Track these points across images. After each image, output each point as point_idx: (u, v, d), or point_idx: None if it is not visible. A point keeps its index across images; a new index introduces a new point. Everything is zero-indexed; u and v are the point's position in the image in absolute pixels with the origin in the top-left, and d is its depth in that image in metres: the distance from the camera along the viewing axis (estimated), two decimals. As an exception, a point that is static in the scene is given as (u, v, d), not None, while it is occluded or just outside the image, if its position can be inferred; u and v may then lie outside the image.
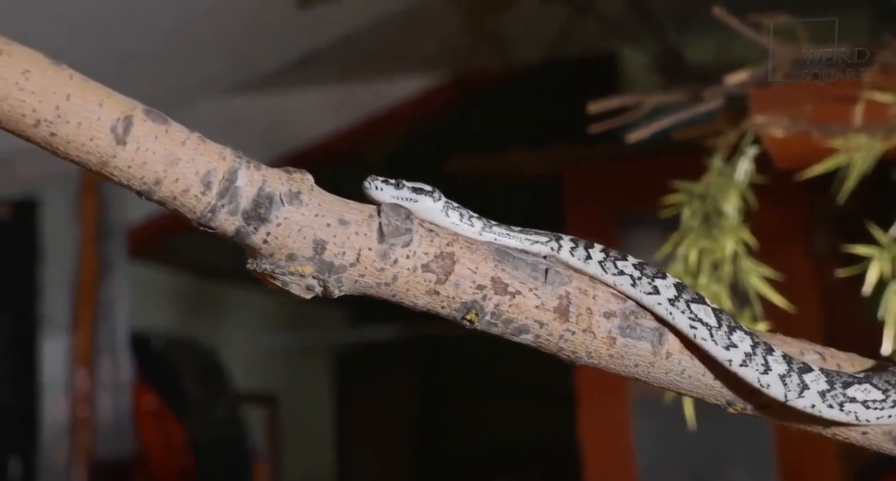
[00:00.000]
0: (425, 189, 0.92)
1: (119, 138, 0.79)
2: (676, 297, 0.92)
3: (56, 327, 4.05)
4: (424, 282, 0.88)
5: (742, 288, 1.72)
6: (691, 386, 0.95)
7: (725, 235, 1.74)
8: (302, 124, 4.06)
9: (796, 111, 1.65)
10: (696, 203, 1.79)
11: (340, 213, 0.86)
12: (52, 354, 4.05)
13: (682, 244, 1.75)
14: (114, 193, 4.02)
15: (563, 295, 0.90)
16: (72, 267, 4.05)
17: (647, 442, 3.44)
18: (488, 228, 0.93)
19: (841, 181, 1.53)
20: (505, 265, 0.90)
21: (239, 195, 0.82)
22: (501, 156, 3.62)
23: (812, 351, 0.96)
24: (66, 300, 4.04)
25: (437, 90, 4.06)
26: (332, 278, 0.86)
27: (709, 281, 1.73)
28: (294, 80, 3.94)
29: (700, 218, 1.78)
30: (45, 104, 0.76)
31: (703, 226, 1.77)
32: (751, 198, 1.75)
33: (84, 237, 4.02)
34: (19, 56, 0.75)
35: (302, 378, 5.99)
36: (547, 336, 0.91)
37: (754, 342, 0.91)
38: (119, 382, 4.11)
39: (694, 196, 1.79)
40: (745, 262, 1.72)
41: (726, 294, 1.71)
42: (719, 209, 1.76)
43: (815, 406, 0.92)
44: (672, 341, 0.93)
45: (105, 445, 4.09)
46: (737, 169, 1.77)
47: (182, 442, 4.33)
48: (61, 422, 4.01)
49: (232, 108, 4.02)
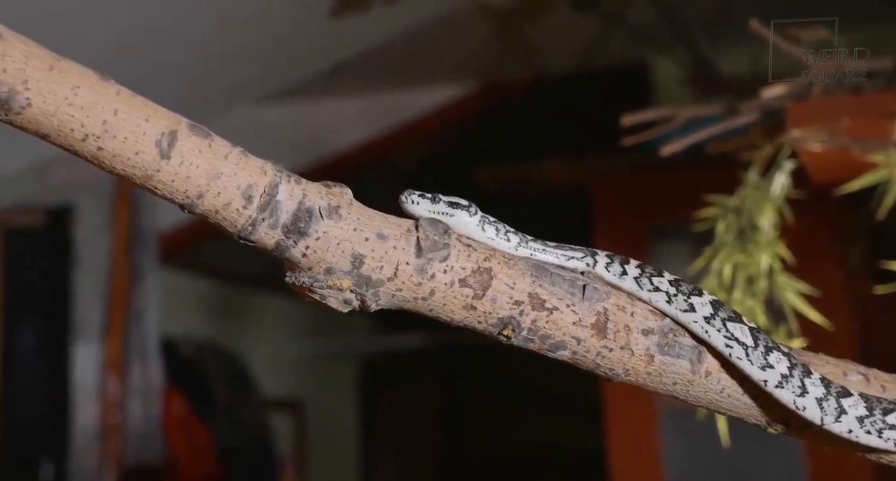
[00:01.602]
0: (462, 203, 0.91)
1: (164, 152, 0.79)
2: (713, 315, 0.91)
3: (88, 333, 4.08)
4: (461, 297, 0.87)
5: (777, 303, 1.71)
6: (730, 406, 0.94)
7: (761, 250, 1.73)
8: (332, 133, 4.08)
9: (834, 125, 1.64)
10: (731, 217, 1.77)
11: (379, 228, 0.86)
12: (84, 360, 4.08)
13: (717, 258, 1.74)
14: (146, 201, 4.05)
15: (601, 311, 0.90)
16: (104, 274, 4.09)
17: (677, 457, 3.40)
18: (524, 244, 0.93)
19: (881, 196, 1.51)
20: (542, 281, 0.89)
21: (279, 209, 0.83)
22: (530, 166, 3.61)
23: (856, 372, 0.95)
24: (98, 306, 4.08)
25: (466, 99, 4.06)
26: (369, 292, 0.86)
27: (743, 296, 1.72)
28: (325, 89, 3.96)
29: (735, 232, 1.77)
30: (93, 119, 0.77)
31: (738, 241, 1.76)
32: (787, 213, 1.74)
33: (116, 244, 4.05)
34: (69, 72, 0.76)
35: (328, 385, 6.01)
36: (584, 353, 0.91)
37: (791, 363, 0.90)
38: (149, 388, 4.13)
39: (728, 210, 1.78)
40: (780, 277, 1.71)
41: (761, 309, 1.70)
42: (754, 223, 1.75)
43: (852, 431, 0.90)
44: (711, 360, 0.92)
45: (135, 451, 4.11)
46: (773, 183, 1.76)
47: (209, 447, 4.35)
48: (92, 428, 4.04)
49: (263, 117, 4.04)
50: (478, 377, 6.14)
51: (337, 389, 6.11)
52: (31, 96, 0.74)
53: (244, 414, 4.70)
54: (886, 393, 0.93)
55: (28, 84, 0.74)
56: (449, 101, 4.04)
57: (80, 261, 4.12)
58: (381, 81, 3.98)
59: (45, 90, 0.75)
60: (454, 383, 6.16)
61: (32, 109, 0.75)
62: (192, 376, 4.43)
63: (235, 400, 4.66)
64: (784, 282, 1.71)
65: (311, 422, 5.50)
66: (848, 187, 1.59)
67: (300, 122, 4.07)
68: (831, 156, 1.67)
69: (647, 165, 3.18)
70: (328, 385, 6.03)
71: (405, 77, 3.97)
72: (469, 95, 4.05)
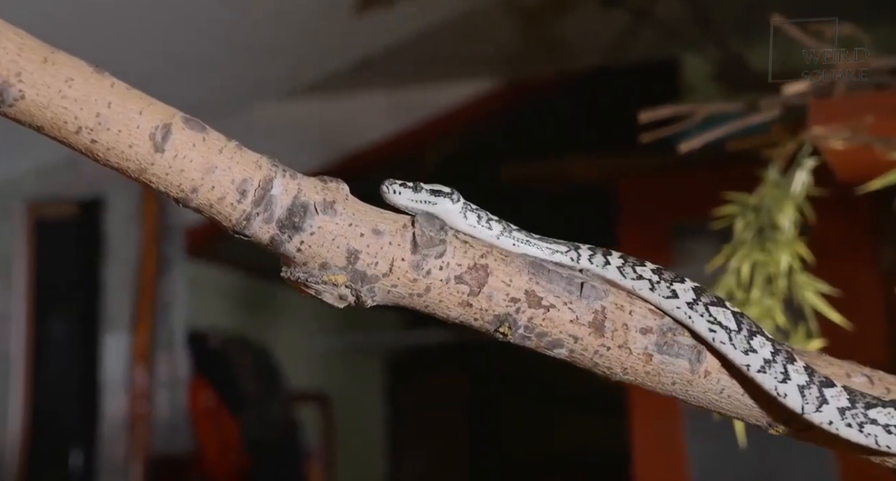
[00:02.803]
0: (444, 190, 0.91)
1: (157, 146, 0.79)
2: (695, 300, 0.90)
3: (117, 324, 4.14)
4: (457, 293, 0.87)
5: (798, 303, 1.68)
6: (731, 407, 0.92)
7: (780, 249, 1.71)
8: (357, 129, 4.09)
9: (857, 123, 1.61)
10: (750, 215, 1.75)
11: (374, 223, 0.86)
12: (112, 351, 4.14)
13: (735, 257, 1.72)
14: (174, 194, 4.08)
15: (599, 310, 0.89)
16: (132, 266, 4.13)
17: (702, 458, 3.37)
18: (507, 233, 0.92)
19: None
20: (540, 278, 0.89)
21: (274, 203, 0.83)
22: (554, 162, 3.59)
23: (860, 373, 0.93)
24: (126, 298, 4.13)
25: (492, 95, 4.05)
26: (364, 288, 0.85)
27: (762, 295, 1.70)
28: (350, 85, 3.97)
29: (753, 230, 1.75)
30: (87, 111, 0.77)
31: (757, 239, 1.74)
32: (808, 211, 1.71)
33: (145, 236, 4.10)
34: (63, 64, 0.76)
35: (354, 379, 6.03)
36: (581, 351, 0.90)
37: (775, 349, 0.89)
38: (176, 379, 4.17)
39: (747, 208, 1.76)
40: (800, 277, 1.68)
41: (780, 309, 1.68)
42: (774, 222, 1.72)
43: (832, 422, 0.89)
44: (710, 360, 0.91)
45: (162, 441, 4.16)
46: (793, 181, 1.73)
47: (237, 439, 4.38)
48: (120, 418, 4.09)
49: (289, 112, 4.06)
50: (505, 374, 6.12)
51: (364, 383, 6.14)
52: (24, 88, 0.74)
53: (271, 406, 4.73)
54: (890, 395, 0.91)
55: (21, 76, 0.74)
56: (474, 97, 4.03)
57: (109, 254, 4.17)
58: (407, 77, 3.98)
59: (38, 82, 0.75)
60: (482, 379, 6.16)
61: (26, 101, 0.75)
62: (220, 368, 4.47)
63: (263, 393, 4.69)
64: (804, 282, 1.69)
65: (338, 416, 5.52)
66: (871, 185, 1.56)
67: (325, 118, 4.07)
68: (854, 153, 1.65)
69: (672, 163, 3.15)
70: (355, 379, 6.05)
71: (430, 73, 3.97)
72: (495, 91, 4.04)
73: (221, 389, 4.38)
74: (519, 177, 3.66)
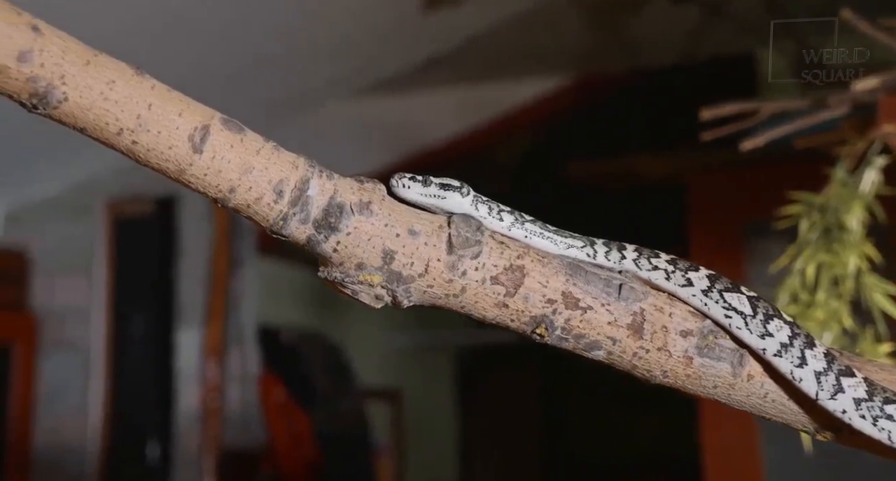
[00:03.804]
0: (453, 184, 0.90)
1: (196, 147, 0.80)
2: (710, 288, 0.90)
3: (190, 320, 4.22)
4: (493, 294, 0.86)
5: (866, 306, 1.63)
6: (775, 411, 0.90)
7: (847, 250, 1.66)
8: (425, 126, 4.09)
9: (929, 120, 1.56)
10: (815, 215, 1.71)
11: (410, 224, 0.86)
12: (186, 346, 4.22)
13: (800, 258, 1.67)
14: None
15: (637, 312, 0.88)
16: (205, 262, 4.21)
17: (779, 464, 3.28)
18: (519, 224, 0.91)
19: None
20: (577, 279, 0.88)
21: (310, 204, 0.83)
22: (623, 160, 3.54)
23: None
24: (199, 294, 4.20)
25: (562, 92, 4.01)
26: (400, 288, 0.86)
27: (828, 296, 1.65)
28: (418, 83, 3.97)
29: (819, 230, 1.70)
30: (128, 113, 0.78)
31: (823, 239, 1.70)
32: (878, 211, 1.66)
33: (217, 233, 4.17)
34: (105, 66, 0.78)
35: (425, 376, 6.05)
36: (620, 353, 0.89)
37: (794, 333, 0.88)
38: (247, 374, 4.24)
39: (813, 207, 1.71)
40: (868, 278, 1.63)
41: (847, 312, 1.63)
42: (841, 222, 1.68)
43: (846, 412, 0.87)
44: (753, 363, 0.89)
45: (233, 434, 4.23)
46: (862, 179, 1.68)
47: (308, 434, 4.43)
48: (194, 411, 4.17)
49: (358, 110, 4.08)
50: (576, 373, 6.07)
51: (435, 381, 6.15)
52: (67, 91, 0.76)
53: (343, 402, 4.78)
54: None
55: (65, 79, 0.75)
56: (544, 94, 4.00)
57: (183, 251, 4.26)
58: (475, 75, 3.97)
59: (81, 85, 0.76)
60: (553, 379, 6.12)
61: (69, 103, 0.76)
62: (292, 364, 4.52)
63: (334, 389, 4.73)
64: (872, 284, 1.64)
65: (409, 413, 5.55)
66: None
67: (395, 116, 4.09)
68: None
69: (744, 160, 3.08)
70: (427, 376, 6.07)
71: (500, 70, 3.95)
72: (564, 88, 4.00)
73: (293, 384, 4.44)
74: (587, 174, 3.63)
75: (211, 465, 4.12)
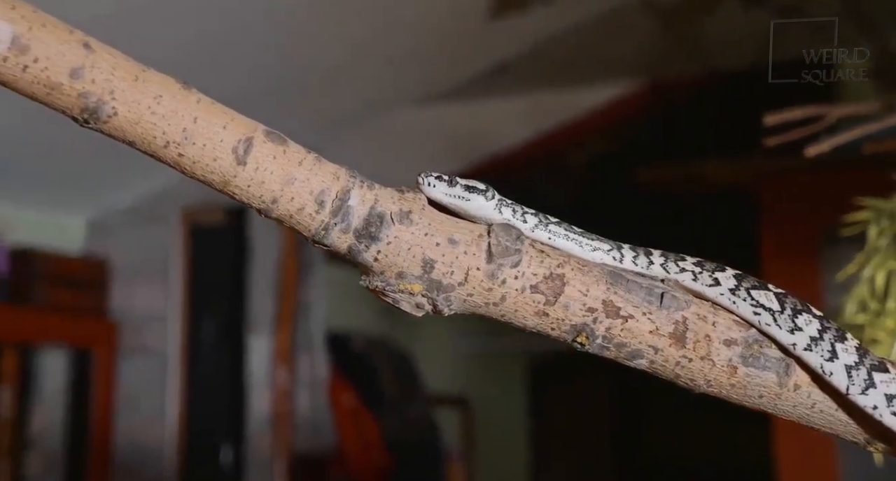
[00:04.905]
0: (479, 187, 0.90)
1: (240, 159, 0.82)
2: (737, 286, 0.89)
3: (261, 326, 4.29)
4: (533, 303, 0.86)
5: (939, 316, 1.58)
6: (824, 422, 0.88)
7: (918, 257, 1.61)
8: (495, 133, 4.09)
9: None
10: (885, 221, 1.66)
11: (450, 233, 0.86)
12: (257, 351, 4.29)
13: (868, 265, 1.63)
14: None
15: (680, 320, 0.87)
16: (274, 269, 4.28)
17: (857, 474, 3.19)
18: (543, 226, 0.91)
19: None
20: (618, 288, 0.87)
21: (351, 214, 0.84)
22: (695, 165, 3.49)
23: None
24: (269, 301, 4.27)
25: (632, 98, 3.97)
26: (440, 297, 0.86)
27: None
28: (487, 90, 3.98)
29: (889, 237, 1.66)
30: (174, 127, 0.80)
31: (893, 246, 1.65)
32: (951, 217, 1.61)
33: (286, 241, 4.23)
34: (152, 81, 0.80)
35: (495, 382, 6.04)
36: (662, 362, 0.88)
37: (823, 326, 0.86)
38: (316, 380, 4.29)
39: (882, 214, 1.67)
40: (942, 287, 1.59)
41: (918, 321, 1.58)
42: (912, 228, 1.63)
43: (877, 407, 0.85)
44: (800, 373, 0.87)
45: (304, 439, 4.28)
46: (934, 185, 1.64)
47: (378, 439, 4.46)
48: (265, 416, 4.24)
49: (426, 118, 4.10)
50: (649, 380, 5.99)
51: (506, 387, 6.14)
52: (116, 106, 0.78)
53: (412, 408, 4.80)
54: None
55: (114, 94, 0.78)
56: (613, 100, 3.97)
57: (254, 258, 4.33)
58: (544, 81, 3.96)
59: (129, 100, 0.78)
60: (625, 387, 6.05)
61: (118, 118, 0.79)
62: (361, 369, 4.56)
63: (403, 395, 4.76)
64: (945, 293, 1.59)
65: (479, 420, 5.54)
66: None
67: (463, 123, 4.10)
68: None
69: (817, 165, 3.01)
70: (496, 382, 6.06)
71: (568, 76, 3.93)
72: (634, 93, 3.96)
73: (362, 390, 4.48)
74: (657, 180, 3.59)
75: (282, 469, 4.18)
